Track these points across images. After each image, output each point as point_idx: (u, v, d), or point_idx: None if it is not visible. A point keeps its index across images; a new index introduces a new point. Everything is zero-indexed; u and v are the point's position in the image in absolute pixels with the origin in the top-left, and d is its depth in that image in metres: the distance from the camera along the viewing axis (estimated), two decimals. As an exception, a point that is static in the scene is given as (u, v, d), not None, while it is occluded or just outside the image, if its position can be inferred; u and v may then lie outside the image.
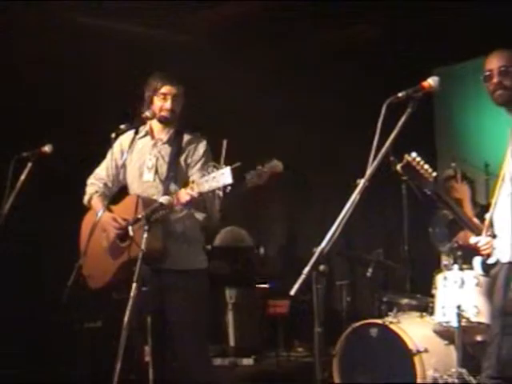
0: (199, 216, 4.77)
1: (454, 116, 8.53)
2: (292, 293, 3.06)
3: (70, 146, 6.42)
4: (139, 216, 4.36)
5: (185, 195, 4.29)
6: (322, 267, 3.13)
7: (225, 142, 4.19)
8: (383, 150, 3.30)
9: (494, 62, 4.06)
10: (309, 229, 8.50)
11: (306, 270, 3.10)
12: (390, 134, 3.36)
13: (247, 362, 7.78)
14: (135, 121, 4.81)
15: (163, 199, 4.35)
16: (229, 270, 7.65)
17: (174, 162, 4.80)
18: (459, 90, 8.03)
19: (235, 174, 4.04)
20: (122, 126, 4.72)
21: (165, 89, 4.78)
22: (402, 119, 3.40)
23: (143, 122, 4.86)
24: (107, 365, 4.17)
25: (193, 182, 4.29)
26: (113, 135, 4.64)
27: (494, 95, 4.05)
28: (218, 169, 4.11)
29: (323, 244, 3.16)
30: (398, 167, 3.88)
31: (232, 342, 8.07)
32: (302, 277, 3.08)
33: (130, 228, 4.41)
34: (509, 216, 3.95)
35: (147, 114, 4.81)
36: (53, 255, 6.66)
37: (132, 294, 4.08)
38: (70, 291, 4.42)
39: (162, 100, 4.80)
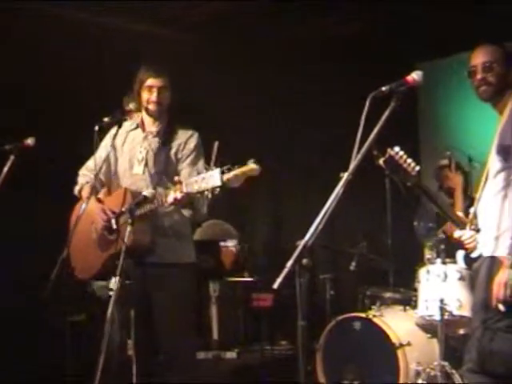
0: (186, 213, 4.75)
1: (437, 110, 8.56)
2: (275, 286, 3.06)
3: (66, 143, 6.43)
4: (123, 209, 4.34)
5: (172, 195, 4.26)
6: (305, 261, 3.13)
7: (216, 144, 4.17)
8: (367, 144, 3.31)
9: (477, 58, 4.07)
10: (293, 222, 8.51)
11: (289, 263, 3.10)
12: (374, 128, 3.37)
13: (231, 355, 7.78)
14: (118, 113, 4.78)
15: (147, 192, 4.34)
16: (213, 264, 7.65)
17: (164, 156, 4.77)
18: (443, 84, 8.06)
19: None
20: (106, 119, 4.70)
21: (150, 81, 4.75)
22: (386, 113, 3.40)
23: (126, 115, 4.83)
24: (91, 358, 4.16)
25: (180, 182, 4.25)
26: (96, 128, 4.63)
27: (478, 91, 4.06)
28: (207, 170, 4.09)
29: (306, 237, 3.16)
30: (381, 161, 3.89)
31: (215, 336, 8.06)
32: (285, 270, 3.09)
33: (113, 221, 4.39)
34: (492, 211, 3.97)
35: (130, 106, 4.80)
36: (35, 249, 6.61)
37: (115, 288, 4.08)
38: (53, 285, 4.40)
39: (148, 93, 4.77)
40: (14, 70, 6.45)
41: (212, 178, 4.03)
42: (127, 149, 4.88)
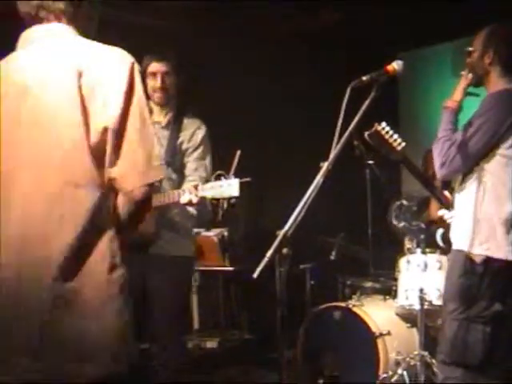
0: (193, 211, 4.68)
1: (418, 100, 8.57)
2: (255, 276, 3.06)
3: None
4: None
5: (187, 197, 4.15)
6: (285, 250, 3.13)
7: (238, 153, 4.08)
8: (347, 134, 3.31)
9: None
10: (273, 211, 8.49)
11: (269, 253, 3.10)
12: (354, 118, 3.37)
13: (211, 344, 7.77)
14: None
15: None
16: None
17: (171, 147, 4.66)
18: (424, 74, 8.08)
19: (242, 188, 3.98)
20: None
21: (153, 66, 4.60)
22: (366, 103, 3.40)
23: None
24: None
25: (196, 186, 4.13)
26: None
27: None
28: (226, 178, 4.04)
29: (287, 227, 3.16)
30: (365, 135, 3.88)
31: (196, 325, 8.06)
32: (265, 260, 3.09)
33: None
34: (466, 203, 3.98)
35: None
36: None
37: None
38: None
39: (152, 79, 4.63)
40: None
41: (230, 188, 3.96)
42: None
